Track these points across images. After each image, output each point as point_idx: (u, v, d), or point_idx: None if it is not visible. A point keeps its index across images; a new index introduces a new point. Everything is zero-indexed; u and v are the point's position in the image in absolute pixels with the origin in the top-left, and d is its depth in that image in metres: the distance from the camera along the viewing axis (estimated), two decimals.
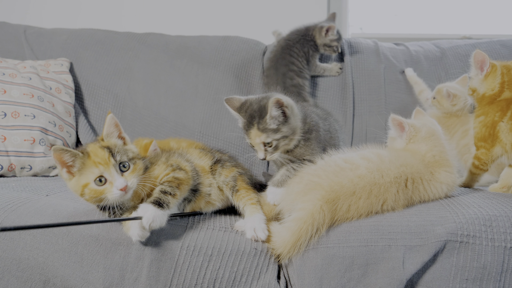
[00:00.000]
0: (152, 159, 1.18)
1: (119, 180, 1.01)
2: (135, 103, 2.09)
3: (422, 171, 1.17)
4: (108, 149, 1.04)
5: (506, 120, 1.21)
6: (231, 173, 1.26)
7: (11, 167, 1.67)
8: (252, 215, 1.15)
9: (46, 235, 1.03)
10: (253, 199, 1.22)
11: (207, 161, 1.29)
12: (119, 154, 1.04)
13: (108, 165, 1.01)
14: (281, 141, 1.20)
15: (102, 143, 1.06)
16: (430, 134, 1.25)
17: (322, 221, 1.04)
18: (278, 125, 1.18)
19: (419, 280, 1.01)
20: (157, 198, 1.02)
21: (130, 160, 1.06)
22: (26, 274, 1.02)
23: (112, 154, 1.03)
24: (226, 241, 1.06)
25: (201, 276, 1.02)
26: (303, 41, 2.06)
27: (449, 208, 1.10)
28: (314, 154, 1.27)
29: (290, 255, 1.03)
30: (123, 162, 1.04)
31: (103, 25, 2.51)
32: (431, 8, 2.88)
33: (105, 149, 1.03)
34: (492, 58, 2.03)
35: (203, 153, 1.32)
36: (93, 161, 1.01)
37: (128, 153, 1.07)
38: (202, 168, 1.25)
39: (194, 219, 1.15)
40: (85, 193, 1.01)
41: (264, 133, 1.18)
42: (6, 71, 1.86)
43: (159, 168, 1.12)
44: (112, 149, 1.04)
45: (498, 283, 0.98)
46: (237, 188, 1.23)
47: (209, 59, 2.18)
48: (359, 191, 1.09)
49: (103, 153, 1.03)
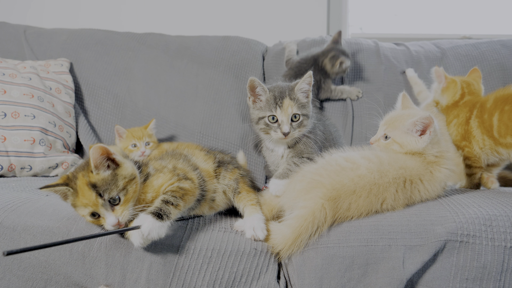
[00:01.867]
0: (158, 166, 1.14)
1: (109, 218, 0.97)
2: (135, 103, 2.09)
3: (422, 172, 1.17)
4: (94, 188, 0.97)
5: (473, 117, 1.35)
6: (233, 175, 1.28)
7: (11, 167, 1.67)
8: (251, 215, 1.16)
9: (46, 234, 1.04)
10: (253, 200, 1.23)
11: (211, 164, 1.28)
12: (107, 191, 0.97)
13: (97, 205, 0.97)
14: (304, 120, 1.28)
15: (90, 179, 0.98)
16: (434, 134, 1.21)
17: (323, 219, 1.05)
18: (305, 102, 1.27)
19: (419, 280, 1.01)
20: (157, 209, 0.98)
21: (120, 191, 0.98)
22: (27, 273, 1.02)
23: (99, 194, 0.97)
24: (225, 241, 1.06)
25: (200, 278, 1.01)
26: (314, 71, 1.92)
27: (449, 208, 1.10)
28: (312, 153, 1.34)
29: (290, 252, 1.04)
30: (112, 198, 0.98)
31: (103, 25, 2.51)
32: (431, 8, 2.88)
33: (92, 189, 0.97)
34: (493, 58, 2.06)
35: (207, 156, 1.31)
36: (81, 201, 0.98)
37: (119, 182, 0.99)
38: (207, 172, 1.23)
39: (193, 220, 1.15)
40: (87, 219, 1.01)
41: (296, 105, 1.25)
42: (6, 71, 1.86)
43: (164, 176, 1.08)
44: (99, 187, 0.97)
45: (498, 283, 0.98)
46: (239, 190, 1.25)
47: (209, 59, 2.18)
48: (359, 190, 1.09)
49: (90, 193, 0.97)
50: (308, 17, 2.68)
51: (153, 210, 0.98)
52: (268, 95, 1.31)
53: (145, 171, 1.09)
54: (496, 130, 1.29)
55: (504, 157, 1.32)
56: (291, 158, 1.34)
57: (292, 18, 2.69)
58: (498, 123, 1.28)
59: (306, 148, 1.34)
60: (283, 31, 2.62)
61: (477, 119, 1.34)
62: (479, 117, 1.34)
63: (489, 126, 1.31)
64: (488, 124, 1.31)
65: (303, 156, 1.33)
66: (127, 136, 1.86)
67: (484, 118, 1.32)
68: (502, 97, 1.31)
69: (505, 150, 1.29)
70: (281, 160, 1.37)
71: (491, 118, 1.30)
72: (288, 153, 1.34)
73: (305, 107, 1.28)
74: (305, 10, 2.68)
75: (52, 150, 1.77)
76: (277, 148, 1.37)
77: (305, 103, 1.29)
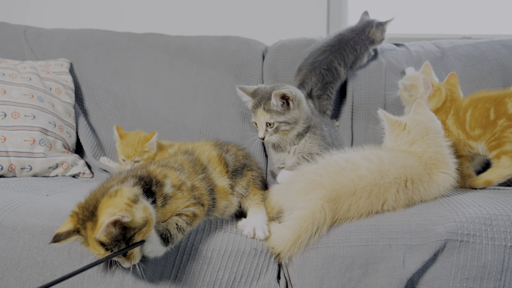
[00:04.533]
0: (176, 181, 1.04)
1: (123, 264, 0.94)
2: (135, 103, 2.09)
3: (421, 172, 1.17)
4: (103, 246, 0.88)
5: (450, 117, 1.51)
6: (245, 181, 1.24)
7: (11, 167, 1.67)
8: (255, 214, 1.15)
9: (46, 234, 1.03)
10: (258, 199, 1.21)
11: (226, 179, 1.19)
12: (115, 246, 0.88)
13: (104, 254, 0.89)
14: (282, 125, 1.33)
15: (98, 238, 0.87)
16: (423, 134, 1.24)
17: (323, 220, 1.04)
18: (283, 111, 1.32)
19: (420, 280, 1.01)
20: (168, 234, 0.94)
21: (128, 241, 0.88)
22: (25, 274, 1.02)
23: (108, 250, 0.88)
24: (225, 242, 1.06)
25: (200, 279, 1.01)
26: (357, 39, 2.08)
27: (449, 208, 1.10)
28: (320, 149, 1.38)
29: (291, 253, 1.03)
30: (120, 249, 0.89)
31: (103, 25, 2.51)
32: (431, 8, 2.88)
33: (100, 245, 0.88)
34: (493, 58, 2.06)
35: (223, 167, 1.20)
36: (92, 251, 0.91)
37: (128, 234, 0.88)
38: (221, 189, 1.16)
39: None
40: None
41: (268, 114, 1.32)
42: (6, 71, 1.86)
43: (183, 199, 1.01)
44: (107, 245, 0.88)
45: (498, 282, 0.98)
46: (247, 194, 1.23)
47: (209, 59, 2.18)
48: (359, 191, 1.09)
49: (100, 249, 0.89)
50: (308, 17, 2.68)
51: (163, 234, 0.94)
52: (252, 101, 1.41)
53: (160, 195, 0.98)
54: (468, 124, 1.43)
55: (475, 150, 1.44)
56: (299, 154, 1.39)
57: (292, 18, 2.69)
58: (470, 118, 1.43)
59: (312, 145, 1.38)
60: (283, 31, 2.62)
61: (453, 117, 1.49)
62: (455, 115, 1.49)
63: (463, 121, 1.45)
64: (462, 119, 1.46)
65: (311, 152, 1.37)
66: (119, 146, 1.78)
67: (459, 115, 1.47)
68: (478, 98, 1.46)
69: (475, 143, 1.42)
70: (287, 156, 1.42)
71: (465, 114, 1.45)
72: (294, 150, 1.39)
73: (284, 114, 1.32)
74: (305, 10, 2.68)
75: (52, 150, 1.77)
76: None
77: (283, 110, 1.33)
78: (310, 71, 2.00)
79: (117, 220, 0.84)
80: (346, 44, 2.06)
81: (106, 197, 0.90)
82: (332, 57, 2.02)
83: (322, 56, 2.02)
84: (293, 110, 1.33)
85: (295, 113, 1.33)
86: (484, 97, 1.44)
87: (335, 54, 2.03)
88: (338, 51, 2.04)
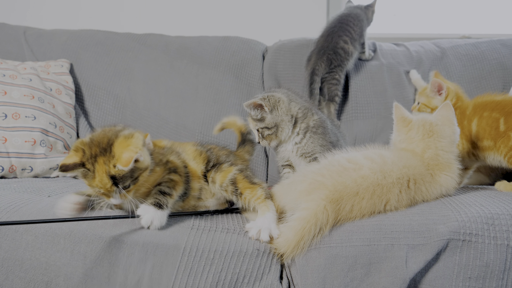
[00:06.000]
0: (157, 159, 1.15)
1: (115, 200, 1.04)
2: (135, 104, 2.09)
3: (423, 172, 1.17)
4: (113, 179, 1.00)
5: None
6: (228, 174, 1.21)
7: (12, 168, 1.67)
8: (263, 214, 1.12)
9: (48, 235, 1.03)
10: (261, 197, 1.17)
11: (200, 165, 1.24)
12: (123, 181, 1.01)
13: (110, 192, 1.02)
14: (265, 131, 1.40)
15: (111, 171, 1.00)
16: (425, 135, 1.22)
17: (325, 221, 1.04)
18: (261, 117, 1.39)
19: (422, 279, 1.01)
20: (157, 200, 1.05)
21: (133, 180, 1.03)
22: (29, 275, 1.02)
23: (115, 183, 1.01)
24: (228, 242, 1.06)
25: (203, 280, 1.01)
26: (361, 15, 2.14)
27: (451, 207, 1.10)
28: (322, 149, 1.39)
29: (293, 254, 1.03)
30: (125, 186, 1.02)
31: (103, 26, 2.51)
32: (430, 7, 2.88)
33: (109, 179, 1.00)
34: (493, 57, 2.07)
35: (197, 152, 1.27)
36: (96, 184, 1.01)
37: (135, 173, 1.03)
38: (193, 172, 1.21)
39: (196, 220, 1.14)
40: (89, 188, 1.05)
41: (254, 122, 1.42)
42: (7, 72, 1.86)
43: (160, 171, 1.12)
44: (117, 179, 1.00)
45: (501, 281, 0.98)
46: (240, 191, 1.19)
47: (209, 59, 2.18)
48: (362, 192, 1.08)
49: (107, 182, 1.00)
50: (308, 17, 2.68)
51: (153, 202, 1.05)
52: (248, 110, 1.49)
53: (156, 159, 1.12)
54: (474, 135, 1.40)
55: (480, 160, 1.42)
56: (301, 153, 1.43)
57: (292, 18, 2.69)
58: (476, 128, 1.39)
59: (314, 144, 1.40)
60: (283, 31, 2.61)
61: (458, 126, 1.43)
62: (459, 123, 1.37)
63: (468, 131, 1.41)
64: (467, 129, 1.41)
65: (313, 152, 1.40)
66: None
67: (463, 124, 1.42)
68: (481, 104, 1.42)
69: (482, 153, 1.39)
70: (291, 154, 1.44)
71: (470, 124, 1.41)
72: (296, 149, 1.42)
73: (262, 120, 1.39)
74: (305, 10, 2.68)
75: (53, 151, 1.77)
76: (285, 145, 1.44)
77: (261, 117, 1.40)
78: (318, 59, 2.01)
79: (137, 158, 0.99)
80: (347, 19, 2.08)
81: (122, 138, 1.03)
82: (336, 38, 2.03)
83: (326, 41, 2.03)
84: (268, 116, 1.38)
85: (272, 117, 1.38)
86: (489, 103, 1.40)
87: (338, 33, 2.04)
88: (341, 29, 2.05)
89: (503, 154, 1.34)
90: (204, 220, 1.16)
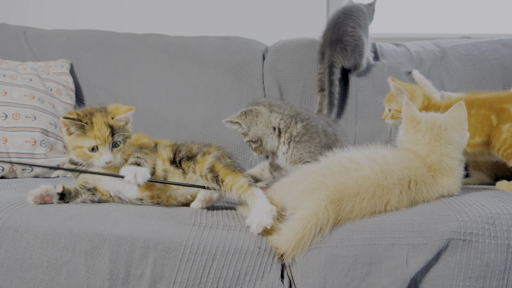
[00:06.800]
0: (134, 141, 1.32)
1: (108, 155, 1.17)
2: (135, 104, 2.09)
3: (425, 174, 1.16)
4: (111, 128, 1.18)
5: None
6: (205, 163, 1.25)
7: (12, 168, 1.67)
8: (254, 203, 1.12)
9: (48, 234, 1.03)
10: (244, 185, 1.17)
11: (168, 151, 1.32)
12: (117, 135, 1.19)
13: (105, 142, 1.17)
14: (252, 144, 1.45)
15: (109, 120, 1.19)
16: (431, 140, 1.21)
17: (326, 221, 1.04)
18: (244, 132, 1.45)
19: (423, 279, 1.01)
20: (135, 160, 1.20)
21: (123, 140, 1.21)
22: (29, 275, 1.02)
23: (112, 134, 1.18)
24: (230, 239, 1.06)
25: (205, 275, 1.01)
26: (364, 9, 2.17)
27: (452, 207, 1.10)
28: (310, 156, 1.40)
29: (294, 254, 1.03)
30: (117, 141, 1.19)
31: (103, 26, 2.51)
32: (430, 7, 2.88)
33: (108, 128, 1.18)
34: (493, 57, 2.07)
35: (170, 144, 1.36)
36: (95, 134, 1.16)
37: (125, 133, 1.22)
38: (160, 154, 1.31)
39: (197, 217, 1.15)
40: (76, 151, 1.19)
41: (242, 135, 1.48)
42: (7, 72, 1.86)
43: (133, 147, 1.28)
44: (114, 129, 1.19)
45: (501, 281, 0.98)
46: (221, 178, 1.20)
47: (209, 59, 2.18)
48: (363, 192, 1.08)
49: (106, 131, 1.17)
50: (308, 17, 2.69)
51: (130, 163, 1.19)
52: None
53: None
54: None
55: (470, 156, 1.45)
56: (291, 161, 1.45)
57: (292, 18, 2.69)
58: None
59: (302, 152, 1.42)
60: (283, 31, 2.62)
61: None
62: None
63: None
64: None
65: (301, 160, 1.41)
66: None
67: None
68: (468, 102, 1.37)
69: (472, 150, 1.41)
70: (282, 163, 1.48)
71: None
72: (285, 158, 1.45)
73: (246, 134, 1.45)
74: (305, 10, 2.69)
75: (53, 151, 1.77)
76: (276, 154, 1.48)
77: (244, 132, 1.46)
78: (332, 51, 2.02)
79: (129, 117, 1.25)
80: (351, 10, 2.10)
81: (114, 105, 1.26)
82: (343, 27, 2.05)
83: (334, 32, 2.05)
84: (249, 130, 1.43)
85: (253, 132, 1.42)
86: (474, 101, 1.40)
87: (344, 22, 2.06)
88: (346, 18, 2.07)
89: (496, 148, 1.36)
90: (206, 217, 1.16)
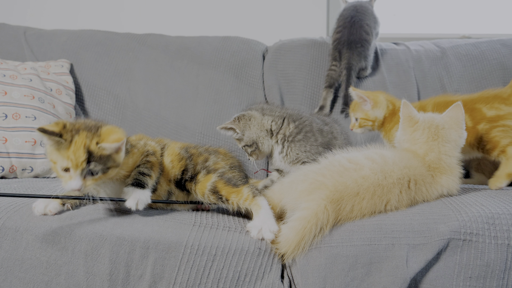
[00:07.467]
0: (134, 142, 1.20)
1: (76, 182, 1.00)
2: (135, 104, 2.09)
3: (424, 173, 1.17)
4: (88, 154, 0.99)
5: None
6: (206, 184, 1.18)
7: (12, 168, 1.67)
8: (257, 214, 1.12)
9: (49, 235, 1.03)
10: (249, 198, 1.15)
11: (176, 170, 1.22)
12: (94, 164, 1.00)
13: (77, 167, 0.99)
14: (247, 148, 1.45)
15: (91, 146, 1.00)
16: (429, 139, 1.22)
17: (326, 221, 1.04)
18: (239, 137, 1.45)
19: (423, 279, 1.01)
20: (137, 180, 1.09)
21: (104, 169, 1.02)
22: (29, 275, 1.02)
23: (88, 161, 1.00)
24: (230, 240, 1.06)
25: (205, 276, 1.01)
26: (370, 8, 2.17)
27: (452, 207, 1.10)
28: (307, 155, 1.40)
29: (294, 254, 1.03)
30: (93, 170, 1.01)
31: (103, 26, 2.51)
32: (430, 7, 2.88)
33: (85, 153, 0.99)
34: (493, 57, 2.07)
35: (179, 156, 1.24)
36: (68, 155, 0.99)
37: (108, 163, 1.03)
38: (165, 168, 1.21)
39: (197, 218, 1.15)
40: (51, 164, 1.05)
41: (237, 141, 1.49)
42: (7, 72, 1.86)
43: (138, 153, 1.15)
44: (93, 156, 1.00)
45: (501, 281, 0.98)
46: (225, 198, 1.17)
47: (210, 59, 2.18)
48: (362, 192, 1.08)
49: (81, 156, 0.99)
50: (308, 17, 2.69)
51: (133, 182, 1.09)
52: None
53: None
54: None
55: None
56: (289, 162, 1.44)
57: (292, 18, 2.69)
58: None
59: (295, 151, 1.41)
60: (283, 31, 2.62)
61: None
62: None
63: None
64: None
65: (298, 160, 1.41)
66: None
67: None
68: (441, 104, 1.42)
69: None
70: (280, 164, 1.46)
71: None
72: (282, 158, 1.45)
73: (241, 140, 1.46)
74: (305, 10, 2.69)
75: None
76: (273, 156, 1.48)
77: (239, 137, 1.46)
78: (351, 54, 2.03)
79: (120, 146, 1.03)
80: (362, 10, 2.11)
81: (110, 126, 1.08)
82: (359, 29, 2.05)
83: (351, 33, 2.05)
84: (243, 134, 1.43)
85: (247, 136, 1.43)
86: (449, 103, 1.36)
87: (360, 24, 2.06)
88: (361, 20, 2.07)
89: (477, 147, 1.40)
90: (206, 217, 1.16)
